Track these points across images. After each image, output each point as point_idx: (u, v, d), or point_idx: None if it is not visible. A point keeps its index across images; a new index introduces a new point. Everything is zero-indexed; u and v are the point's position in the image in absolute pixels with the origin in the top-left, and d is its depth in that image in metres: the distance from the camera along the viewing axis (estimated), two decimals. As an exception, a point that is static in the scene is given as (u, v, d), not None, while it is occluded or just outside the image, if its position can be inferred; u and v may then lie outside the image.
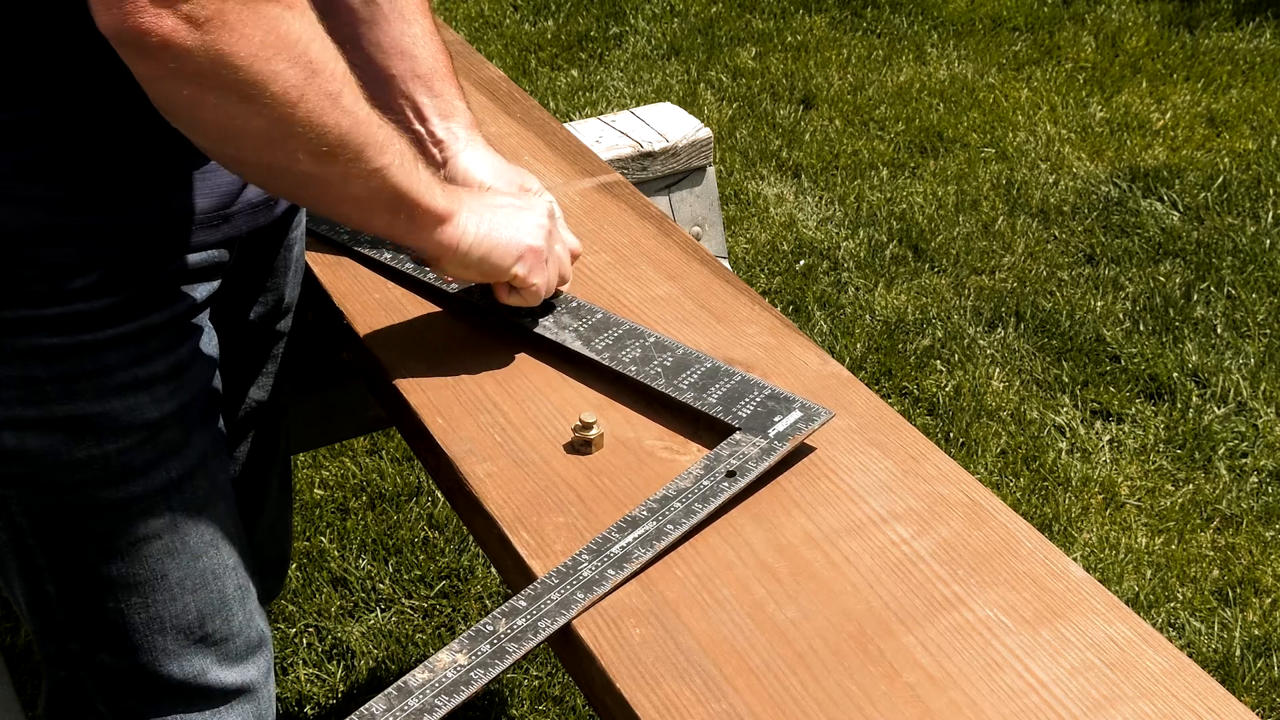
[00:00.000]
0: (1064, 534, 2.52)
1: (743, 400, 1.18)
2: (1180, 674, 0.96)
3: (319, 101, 1.02)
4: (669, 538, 1.05)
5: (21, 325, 1.09)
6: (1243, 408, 2.82)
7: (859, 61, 4.29)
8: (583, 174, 1.59)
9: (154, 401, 1.15)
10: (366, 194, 1.10)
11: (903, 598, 1.01)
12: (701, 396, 1.19)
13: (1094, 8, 4.59)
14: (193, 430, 1.19)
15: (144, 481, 1.16)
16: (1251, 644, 2.29)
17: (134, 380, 1.14)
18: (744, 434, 1.14)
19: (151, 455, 1.16)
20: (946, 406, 2.83)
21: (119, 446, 1.14)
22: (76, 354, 1.11)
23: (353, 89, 1.06)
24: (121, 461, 1.15)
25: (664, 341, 1.25)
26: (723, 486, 1.09)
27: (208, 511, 1.22)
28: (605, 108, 3.98)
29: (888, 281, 3.25)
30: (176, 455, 1.18)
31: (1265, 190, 3.56)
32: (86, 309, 1.10)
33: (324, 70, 1.02)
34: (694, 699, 0.94)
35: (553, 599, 1.01)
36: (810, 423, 1.15)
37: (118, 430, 1.14)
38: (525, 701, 2.22)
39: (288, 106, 1.00)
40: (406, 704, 0.95)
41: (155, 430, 1.16)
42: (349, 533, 2.52)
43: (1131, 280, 3.23)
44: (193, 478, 1.20)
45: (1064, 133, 3.88)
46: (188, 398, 1.18)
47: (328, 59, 1.03)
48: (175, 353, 1.17)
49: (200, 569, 1.21)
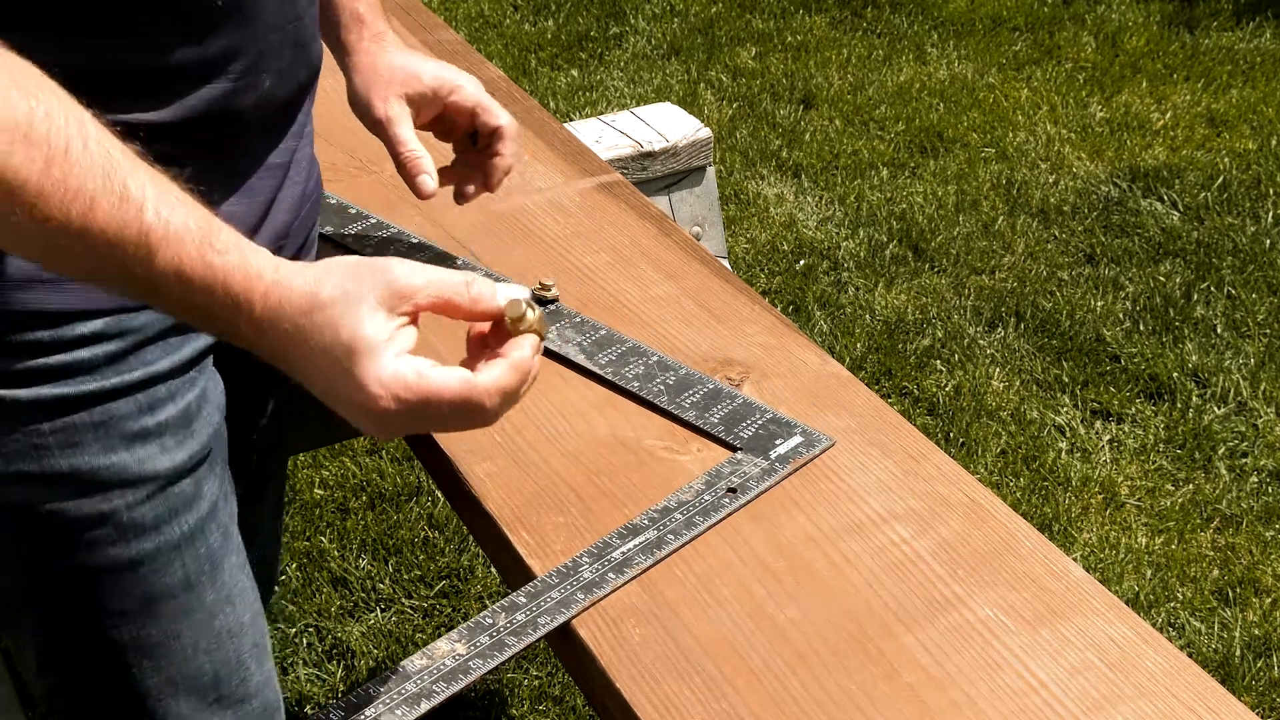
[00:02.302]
0: (1064, 534, 2.52)
1: (744, 422, 1.18)
2: (1180, 674, 0.96)
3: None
4: (669, 546, 1.06)
5: (21, 377, 1.02)
6: (1243, 408, 2.82)
7: (859, 61, 4.29)
8: (583, 174, 1.59)
9: (163, 452, 1.08)
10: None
11: (903, 598, 1.01)
12: (704, 415, 1.19)
13: (1094, 8, 4.59)
14: (203, 480, 1.12)
15: (155, 537, 1.09)
16: (1251, 644, 2.29)
17: (142, 430, 1.07)
18: (745, 454, 1.15)
19: (163, 509, 1.09)
20: (946, 406, 2.83)
21: (128, 501, 1.07)
22: (81, 405, 1.04)
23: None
24: (131, 517, 1.08)
25: (666, 361, 1.26)
26: (724, 502, 1.10)
27: (222, 566, 1.15)
28: (605, 108, 3.98)
29: (888, 281, 3.25)
30: (188, 508, 1.11)
31: (1265, 190, 3.56)
32: (89, 357, 1.03)
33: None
34: (694, 699, 0.94)
35: (553, 597, 1.01)
36: (811, 448, 1.15)
37: (126, 484, 1.07)
38: (525, 701, 2.22)
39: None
40: (404, 688, 0.95)
41: (165, 483, 1.09)
42: (349, 533, 2.52)
43: (1131, 280, 3.23)
44: (205, 531, 1.13)
45: (1064, 133, 3.87)
46: (197, 446, 1.11)
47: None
48: (183, 399, 1.10)
49: (216, 628, 1.15)
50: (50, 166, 0.79)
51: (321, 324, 0.86)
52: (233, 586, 1.16)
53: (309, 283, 0.87)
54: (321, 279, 0.87)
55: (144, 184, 0.84)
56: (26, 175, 0.78)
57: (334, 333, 0.86)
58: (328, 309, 0.86)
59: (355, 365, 0.86)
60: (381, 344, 0.86)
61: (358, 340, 0.86)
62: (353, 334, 0.86)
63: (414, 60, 1.31)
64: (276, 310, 0.86)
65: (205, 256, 0.85)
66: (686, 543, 1.06)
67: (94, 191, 0.81)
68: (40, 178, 0.78)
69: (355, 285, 0.87)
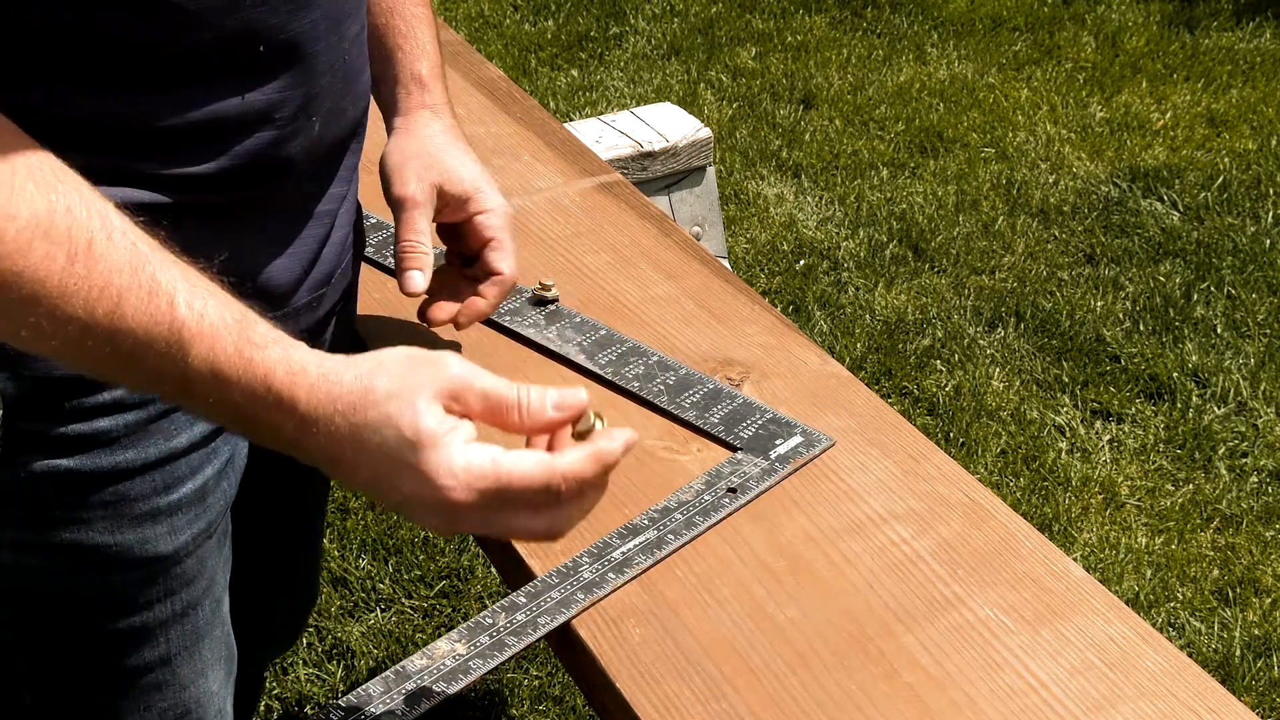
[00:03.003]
0: (1064, 534, 2.52)
1: (744, 422, 1.18)
2: (1180, 674, 0.96)
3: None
4: (669, 546, 1.06)
5: (35, 443, 0.95)
6: (1243, 408, 2.82)
7: (859, 61, 4.29)
8: (583, 174, 1.59)
9: (170, 533, 1.02)
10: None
11: (903, 598, 1.01)
12: (704, 415, 1.19)
13: (1094, 8, 4.59)
14: (207, 556, 1.07)
15: (145, 614, 1.04)
16: (1251, 644, 2.29)
17: (153, 510, 1.00)
18: (745, 454, 1.15)
19: (159, 589, 1.03)
20: (946, 406, 2.83)
21: (124, 579, 1.01)
22: (94, 484, 0.97)
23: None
24: (125, 595, 1.02)
25: (666, 361, 1.26)
26: (723, 502, 1.10)
27: (204, 640, 1.10)
28: (605, 108, 3.98)
29: (888, 281, 3.25)
30: (187, 586, 1.05)
31: (1265, 190, 3.56)
32: (109, 427, 0.96)
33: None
34: (694, 699, 0.94)
35: (553, 597, 1.01)
36: (811, 448, 1.15)
37: (126, 564, 1.01)
38: (525, 701, 2.22)
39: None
40: (404, 688, 0.95)
41: (167, 563, 1.03)
42: (349, 533, 2.52)
43: (1131, 280, 3.23)
44: (198, 606, 1.07)
45: (1064, 133, 3.87)
46: (205, 524, 1.05)
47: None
48: (201, 475, 1.03)
49: (185, 699, 1.10)
50: (72, 263, 0.75)
51: (376, 421, 0.81)
52: (210, 658, 1.11)
53: (359, 378, 0.82)
54: (373, 373, 0.83)
55: (174, 277, 0.79)
56: (47, 273, 0.74)
57: (393, 429, 0.81)
58: (382, 405, 0.81)
59: (421, 459, 0.81)
60: (446, 434, 0.81)
61: (421, 434, 0.81)
62: (414, 428, 0.81)
63: (459, 155, 1.21)
64: (325, 407, 0.82)
65: (244, 352, 0.81)
66: (686, 543, 1.06)
67: (121, 287, 0.77)
68: (62, 275, 0.74)
69: (411, 379, 0.82)
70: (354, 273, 1.24)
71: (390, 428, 0.81)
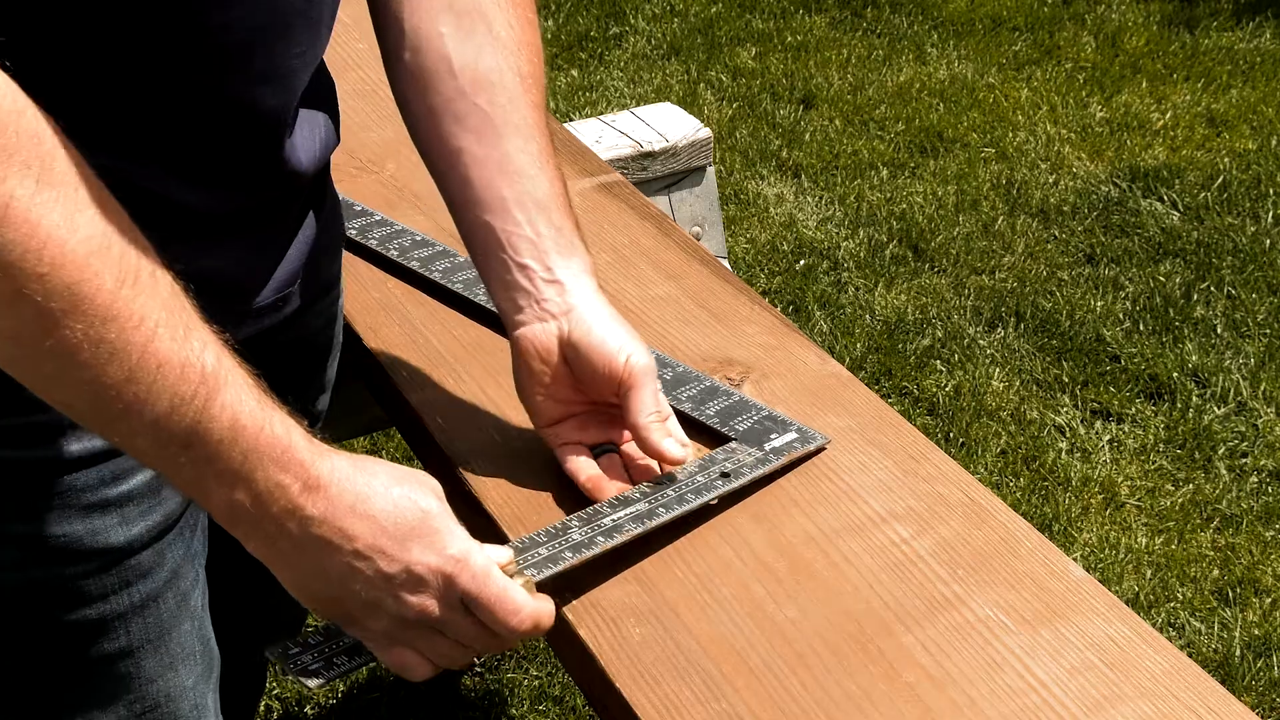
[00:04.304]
0: (1064, 534, 2.52)
1: (740, 417, 1.18)
2: (1180, 674, 0.96)
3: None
4: (660, 518, 1.05)
5: None
6: (1243, 408, 2.82)
7: (859, 61, 4.29)
8: (583, 174, 1.59)
9: (122, 523, 1.00)
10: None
11: (902, 597, 1.01)
12: (700, 409, 1.19)
13: (1094, 8, 4.59)
14: (167, 548, 1.04)
15: (101, 607, 1.01)
16: (1251, 644, 2.29)
17: (102, 501, 0.98)
18: (740, 444, 1.15)
19: (114, 580, 1.01)
20: (946, 406, 2.83)
21: (76, 570, 0.99)
22: (38, 471, 0.96)
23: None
24: (78, 585, 1.00)
25: (664, 358, 1.26)
26: (716, 484, 1.09)
27: (171, 634, 1.07)
28: (605, 108, 3.98)
29: (888, 281, 3.25)
30: (143, 578, 1.03)
31: (1265, 190, 3.56)
32: (47, 421, 0.94)
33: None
34: (694, 699, 0.94)
35: (540, 553, 1.01)
36: (805, 444, 1.15)
37: (77, 555, 0.99)
38: (525, 701, 2.22)
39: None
40: None
41: (120, 555, 1.01)
42: (349, 533, 2.52)
43: (1131, 280, 3.23)
44: (159, 599, 1.05)
45: (1064, 133, 3.88)
46: (162, 515, 1.02)
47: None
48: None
49: (154, 692, 1.07)
50: (120, 287, 0.77)
51: (387, 481, 0.91)
52: (179, 652, 1.08)
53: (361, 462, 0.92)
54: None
55: (203, 327, 0.83)
56: (96, 290, 0.76)
57: (404, 494, 0.90)
58: (394, 483, 0.91)
59: (439, 520, 0.91)
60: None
61: (435, 505, 0.92)
62: (430, 501, 0.91)
63: (604, 331, 1.09)
64: (343, 468, 0.89)
65: (264, 406, 0.85)
66: (678, 516, 1.05)
67: (157, 322, 0.79)
68: (110, 297, 0.77)
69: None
70: (329, 273, 1.22)
71: (402, 492, 0.91)
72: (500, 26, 1.09)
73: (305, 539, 0.87)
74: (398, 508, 0.89)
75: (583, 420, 1.12)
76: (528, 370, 1.09)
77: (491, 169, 1.07)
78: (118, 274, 0.77)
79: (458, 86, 1.07)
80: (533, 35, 1.12)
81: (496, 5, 1.09)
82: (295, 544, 0.88)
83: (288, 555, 0.89)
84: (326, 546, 0.88)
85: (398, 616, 0.91)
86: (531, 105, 1.09)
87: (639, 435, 1.06)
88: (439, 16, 1.08)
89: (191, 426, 0.81)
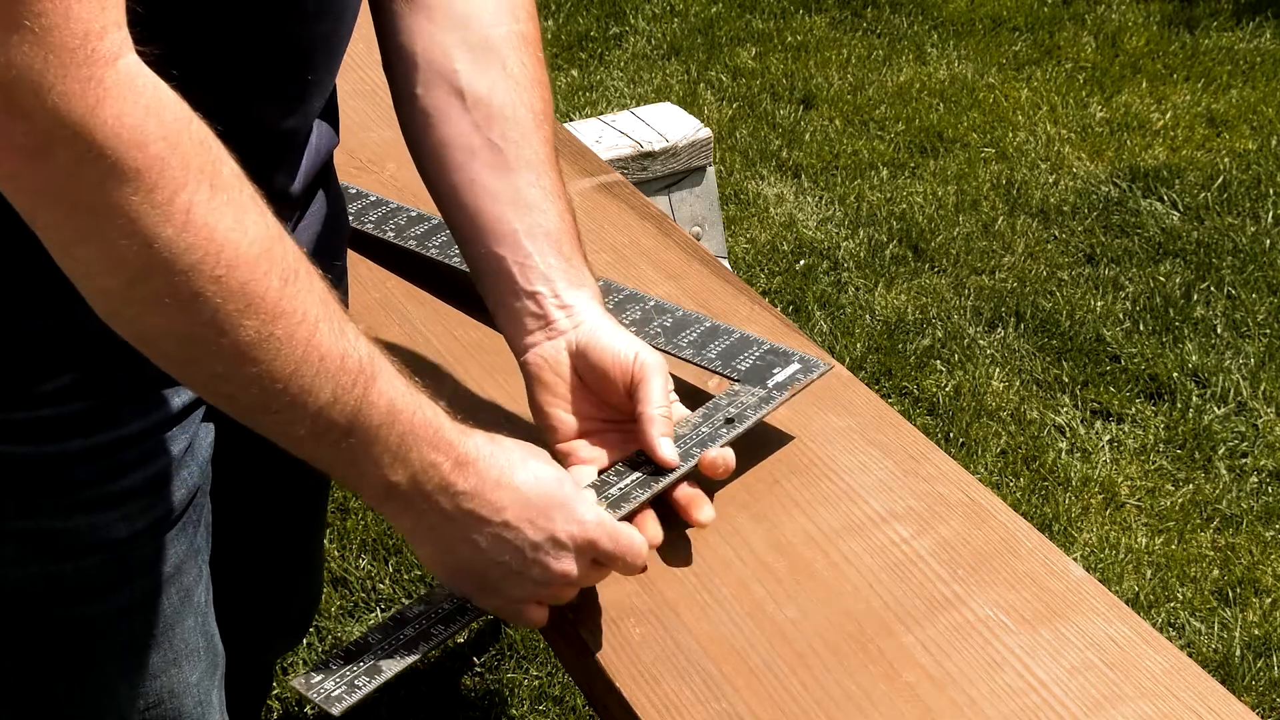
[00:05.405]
0: (1064, 534, 2.52)
1: (741, 355, 1.18)
2: (1180, 674, 0.96)
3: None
4: (666, 480, 1.05)
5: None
6: (1243, 408, 2.82)
7: (859, 61, 4.29)
8: (583, 174, 1.59)
9: (124, 519, 1.00)
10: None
11: (902, 597, 1.01)
12: (700, 353, 1.19)
13: (1094, 8, 4.59)
14: (169, 543, 1.04)
15: (103, 602, 1.02)
16: (1251, 644, 2.29)
17: (103, 496, 0.99)
18: (743, 385, 1.15)
19: (115, 574, 1.02)
20: (946, 406, 2.83)
21: (77, 565, 1.00)
22: (40, 467, 0.96)
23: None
24: (79, 580, 1.00)
25: (664, 305, 1.26)
26: (721, 432, 1.09)
27: (174, 629, 1.07)
28: (605, 108, 3.98)
29: (888, 281, 3.25)
30: (145, 573, 1.03)
31: (1265, 190, 3.56)
32: (54, 415, 0.95)
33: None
34: (694, 698, 0.94)
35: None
36: (808, 373, 1.15)
37: (79, 549, 0.99)
38: (525, 701, 2.22)
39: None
40: (402, 633, 0.96)
41: (123, 549, 1.01)
42: (349, 533, 2.52)
43: (1131, 280, 3.23)
44: (161, 594, 1.05)
45: (1064, 133, 3.87)
46: (164, 511, 1.03)
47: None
48: (154, 464, 1.01)
49: (157, 688, 1.08)
50: (285, 285, 0.81)
51: (523, 458, 0.96)
52: (182, 648, 1.09)
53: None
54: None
55: (351, 319, 0.87)
56: (265, 289, 0.80)
57: (543, 466, 0.96)
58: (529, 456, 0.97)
59: (572, 495, 0.96)
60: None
61: (566, 477, 0.98)
62: (562, 473, 0.97)
63: (611, 339, 1.09)
64: (485, 445, 0.93)
65: (414, 390, 0.90)
66: (683, 476, 1.06)
67: (318, 317, 0.83)
68: (278, 295, 0.81)
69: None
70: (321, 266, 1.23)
71: (537, 464, 0.95)
72: (513, 64, 1.10)
73: (456, 513, 0.92)
74: (537, 479, 0.94)
75: (598, 441, 1.11)
76: (540, 382, 1.09)
77: (503, 203, 1.08)
78: (282, 272, 0.81)
79: (472, 121, 1.08)
80: (542, 74, 1.13)
81: (509, 44, 1.10)
82: (446, 518, 0.92)
83: (437, 529, 0.92)
84: (476, 519, 0.92)
85: (542, 580, 0.94)
86: (543, 141, 1.10)
87: (642, 426, 1.06)
88: (452, 52, 1.08)
89: (353, 414, 0.86)
